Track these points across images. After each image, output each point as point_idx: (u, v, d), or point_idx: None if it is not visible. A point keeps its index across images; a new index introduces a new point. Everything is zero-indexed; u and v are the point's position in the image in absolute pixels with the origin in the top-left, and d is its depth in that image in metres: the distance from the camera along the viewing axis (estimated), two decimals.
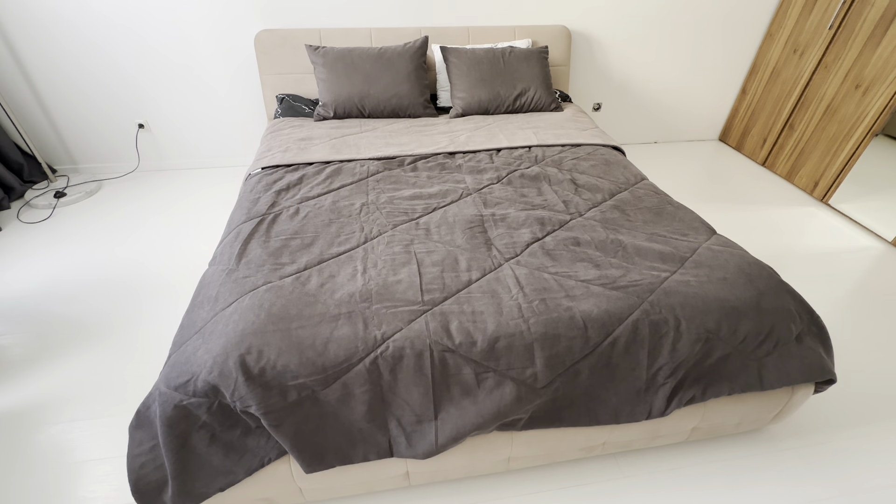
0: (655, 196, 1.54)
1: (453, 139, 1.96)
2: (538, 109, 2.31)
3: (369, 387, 0.94)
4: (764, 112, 2.88)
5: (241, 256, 1.21)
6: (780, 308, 1.10)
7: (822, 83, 2.48)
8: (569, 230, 1.33)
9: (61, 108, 2.46)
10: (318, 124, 2.11)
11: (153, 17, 2.27)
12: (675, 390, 1.06)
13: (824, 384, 1.18)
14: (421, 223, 1.36)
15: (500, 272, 1.15)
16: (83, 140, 2.58)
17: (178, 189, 2.56)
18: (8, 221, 2.24)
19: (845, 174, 2.39)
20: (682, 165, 2.95)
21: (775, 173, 2.83)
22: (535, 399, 0.99)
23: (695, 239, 1.31)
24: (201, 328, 1.00)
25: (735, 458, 1.27)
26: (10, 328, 1.63)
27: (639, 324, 1.03)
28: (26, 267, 1.94)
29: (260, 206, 1.44)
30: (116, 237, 2.14)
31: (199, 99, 2.55)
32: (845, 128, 2.36)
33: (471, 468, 1.14)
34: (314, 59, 2.20)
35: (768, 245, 2.16)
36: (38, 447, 1.27)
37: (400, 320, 0.99)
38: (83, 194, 2.44)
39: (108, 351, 1.56)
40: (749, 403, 1.17)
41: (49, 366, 1.50)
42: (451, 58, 2.27)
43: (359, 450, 0.97)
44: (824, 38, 2.45)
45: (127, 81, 2.43)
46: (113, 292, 1.81)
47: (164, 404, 0.89)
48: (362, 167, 1.69)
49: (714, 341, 1.05)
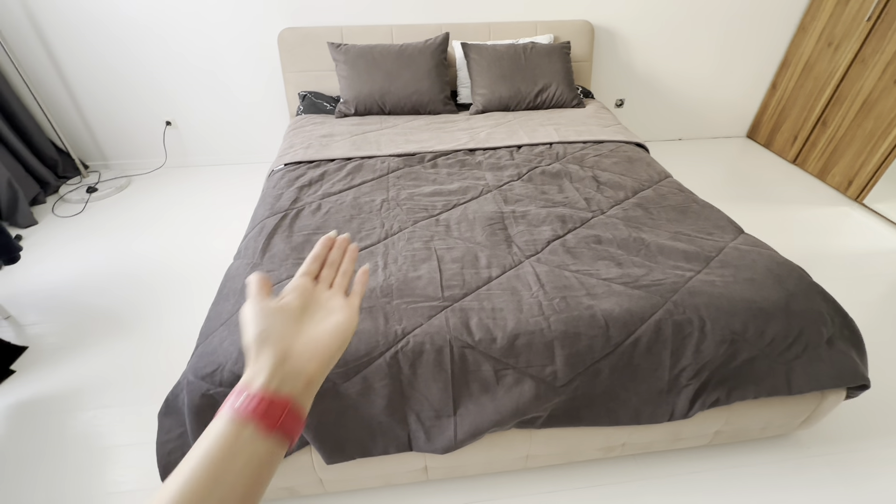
0: (680, 194, 1.51)
1: (473, 136, 1.95)
2: (560, 106, 2.28)
3: (389, 381, 0.94)
4: (795, 108, 2.78)
5: (265, 251, 1.23)
6: (811, 310, 1.06)
7: (859, 78, 2.38)
8: (590, 228, 1.31)
9: (93, 107, 2.55)
10: (340, 121, 2.13)
11: (179, 17, 2.33)
12: (698, 392, 1.04)
13: (857, 390, 1.14)
14: (441, 220, 1.36)
15: (520, 269, 1.14)
16: (114, 137, 2.67)
17: (204, 185, 2.62)
18: (43, 215, 2.33)
19: (882, 172, 2.29)
20: (708, 163, 2.88)
21: (806, 171, 2.74)
22: (554, 397, 0.98)
23: (721, 238, 1.27)
24: (227, 320, 1.03)
25: (760, 464, 1.24)
26: (45, 317, 1.71)
27: (662, 324, 1.01)
28: (60, 259, 2.02)
29: (283, 201, 1.46)
30: (145, 231, 2.21)
31: (224, 96, 2.61)
32: (883, 124, 2.26)
33: (489, 465, 1.14)
34: (336, 57, 2.22)
35: (799, 245, 2.09)
36: (71, 431, 1.33)
37: (420, 316, 1.00)
38: (113, 189, 2.52)
39: (138, 340, 1.61)
40: (776, 408, 1.13)
41: (81, 354, 1.56)
42: (471, 54, 2.26)
43: (378, 443, 0.98)
44: (862, 31, 2.35)
45: (154, 80, 2.50)
46: (142, 284, 1.87)
47: (191, 393, 0.92)
48: (383, 164, 1.70)
49: (740, 343, 1.02)
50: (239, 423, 0.33)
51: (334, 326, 0.41)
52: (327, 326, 0.41)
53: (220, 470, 0.31)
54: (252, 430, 0.33)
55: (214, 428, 0.33)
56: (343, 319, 0.42)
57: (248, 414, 0.33)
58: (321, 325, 0.41)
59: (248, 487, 0.32)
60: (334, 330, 0.41)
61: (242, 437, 0.32)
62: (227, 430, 0.32)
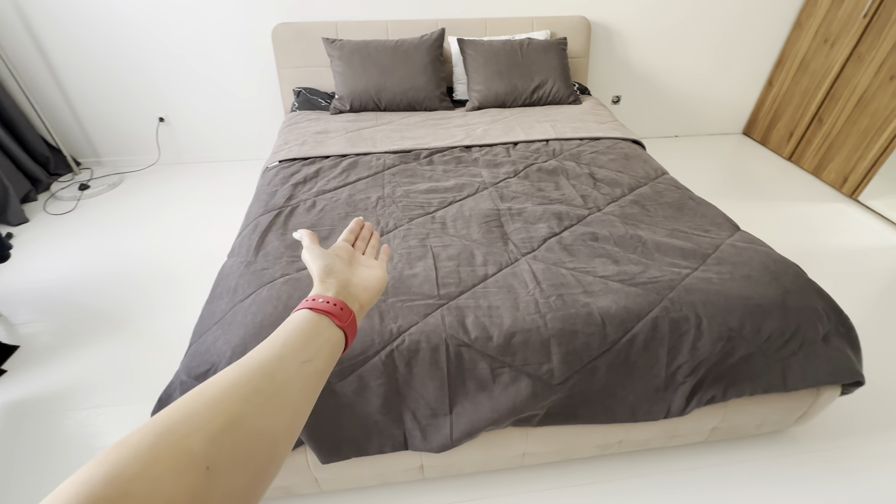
0: (676, 191, 1.50)
1: (469, 132, 1.94)
2: (556, 102, 2.27)
3: (385, 380, 0.94)
4: (791, 105, 2.79)
5: (258, 249, 1.22)
6: (807, 307, 1.06)
7: (855, 74, 2.38)
8: (587, 225, 1.31)
9: (85, 104, 2.52)
10: (335, 117, 2.12)
11: (171, 11, 2.30)
12: (694, 389, 1.04)
13: (852, 386, 1.14)
14: (437, 217, 1.35)
15: (516, 267, 1.14)
16: (106, 134, 2.64)
17: (197, 182, 2.60)
18: (35, 213, 2.31)
19: (877, 169, 2.30)
20: (705, 160, 2.88)
21: (802, 168, 2.74)
22: (550, 395, 0.98)
23: (717, 235, 1.27)
24: (221, 319, 1.01)
25: (756, 460, 1.24)
26: (38, 316, 1.69)
27: (658, 321, 1.00)
28: (52, 257, 1.99)
29: (277, 198, 1.45)
30: (138, 229, 2.18)
31: (218, 92, 2.58)
32: (878, 121, 2.27)
33: (485, 463, 1.13)
34: (331, 52, 2.20)
35: (795, 242, 2.10)
36: (63, 432, 1.31)
37: (416, 314, 0.99)
38: (106, 187, 2.50)
39: (131, 339, 1.60)
40: (772, 404, 1.14)
41: (73, 353, 1.55)
42: (467, 50, 2.25)
43: (374, 442, 0.98)
44: (858, 28, 2.35)
45: (147, 76, 2.47)
46: (135, 282, 1.85)
47: (185, 392, 0.91)
48: (378, 160, 1.69)
49: (736, 340, 1.02)
50: (318, 315, 0.42)
51: (374, 276, 0.53)
52: (369, 274, 0.53)
53: (308, 340, 0.39)
54: (328, 322, 0.42)
55: (297, 315, 0.42)
56: (379, 273, 0.54)
57: (327, 308, 0.43)
58: (365, 273, 0.53)
59: (325, 362, 0.40)
60: (375, 278, 0.53)
61: (322, 324, 0.42)
62: (310, 317, 0.41)
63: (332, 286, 0.47)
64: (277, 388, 0.34)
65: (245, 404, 0.31)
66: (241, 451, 0.29)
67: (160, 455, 0.26)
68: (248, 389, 0.32)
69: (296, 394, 0.35)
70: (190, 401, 0.30)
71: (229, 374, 0.33)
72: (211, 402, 0.30)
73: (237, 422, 0.30)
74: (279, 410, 0.33)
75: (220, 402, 0.30)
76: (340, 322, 0.43)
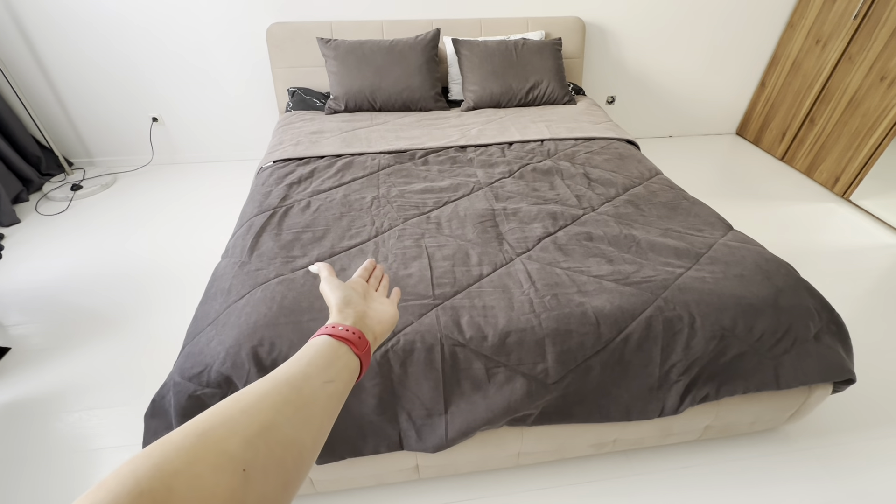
0: (670, 191, 1.51)
1: (465, 133, 1.94)
2: (551, 102, 2.28)
3: (380, 380, 0.94)
4: (783, 105, 2.81)
5: (253, 249, 1.22)
6: (799, 306, 1.07)
7: (846, 75, 2.41)
8: (581, 225, 1.31)
9: (78, 103, 2.49)
10: (330, 117, 2.11)
11: (165, 10, 2.28)
12: (688, 388, 1.04)
13: (843, 384, 1.15)
14: (432, 217, 1.35)
15: (511, 267, 1.14)
16: (99, 133, 2.62)
17: (191, 182, 2.58)
18: (26, 213, 2.28)
19: (868, 169, 2.32)
20: (698, 160, 2.90)
21: (794, 168, 2.77)
22: (545, 395, 0.98)
23: (711, 235, 1.28)
24: (214, 320, 1.01)
25: (749, 458, 1.25)
26: (30, 318, 1.67)
27: (652, 320, 1.01)
28: (44, 258, 1.98)
29: (272, 199, 1.44)
30: (131, 229, 2.17)
31: (211, 92, 2.57)
32: (869, 121, 2.29)
33: (480, 463, 1.14)
34: (325, 52, 2.20)
35: (787, 242, 2.12)
36: (56, 434, 1.30)
37: (411, 314, 0.99)
38: (99, 187, 2.48)
39: (124, 341, 1.59)
40: (764, 402, 1.14)
41: (67, 355, 1.53)
42: (462, 50, 2.25)
43: (369, 442, 0.98)
44: (849, 29, 2.37)
45: (140, 75, 2.46)
46: (128, 283, 1.84)
47: (178, 394, 0.90)
48: (373, 161, 1.69)
49: (729, 339, 1.03)
50: (338, 342, 0.44)
51: (388, 311, 0.55)
52: (383, 310, 0.55)
53: (329, 363, 0.41)
54: (346, 349, 0.44)
55: (319, 341, 0.43)
56: (392, 311, 0.56)
57: (346, 336, 0.45)
58: (379, 308, 0.55)
59: (343, 384, 0.41)
60: (388, 314, 0.55)
61: (341, 350, 0.43)
62: (330, 343, 0.43)
63: (350, 316, 0.49)
64: (304, 401, 0.36)
65: (277, 414, 0.33)
66: (274, 458, 0.30)
67: (202, 454, 0.27)
68: (278, 400, 0.34)
69: (319, 410, 0.37)
70: (227, 407, 0.32)
71: (261, 386, 0.35)
72: (246, 409, 0.32)
73: (270, 429, 0.31)
74: (306, 422, 0.35)
75: (254, 409, 0.32)
76: (358, 350, 0.45)
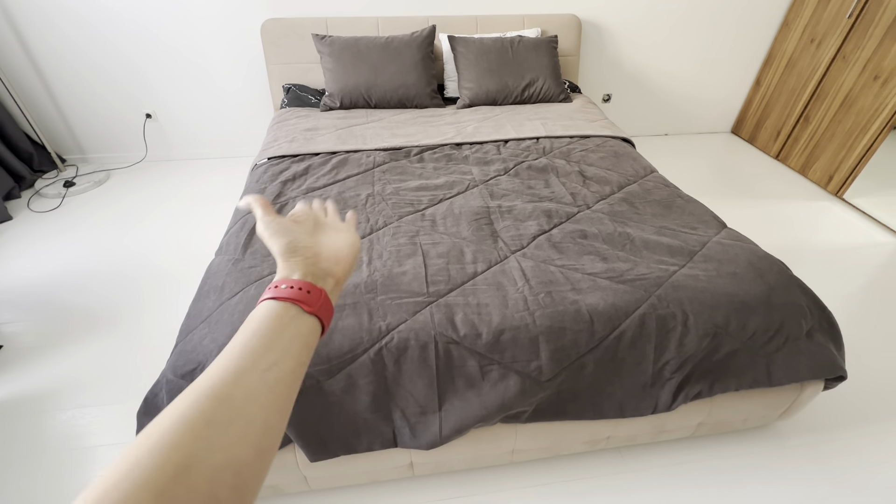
0: (665, 189, 1.52)
1: (460, 130, 1.94)
2: (547, 100, 2.27)
3: (374, 378, 0.94)
4: (778, 104, 2.82)
5: (247, 246, 1.21)
6: (791, 303, 1.08)
7: (840, 74, 2.42)
8: (576, 223, 1.31)
9: (70, 98, 2.47)
10: (325, 114, 2.10)
11: (159, 5, 2.26)
12: (681, 385, 1.05)
13: (834, 381, 1.16)
14: (427, 215, 1.35)
15: (505, 264, 1.14)
16: (92, 130, 2.60)
17: (185, 179, 2.57)
18: (18, 210, 2.26)
19: (861, 168, 2.34)
20: (693, 158, 2.91)
21: (789, 167, 2.78)
22: (539, 392, 0.98)
23: (704, 233, 1.28)
24: (208, 317, 1.00)
25: (741, 455, 1.26)
26: (22, 315, 1.66)
27: (646, 318, 1.01)
28: (36, 255, 1.96)
29: (266, 196, 1.44)
30: (124, 226, 2.15)
31: (206, 88, 2.55)
32: (862, 120, 2.30)
33: (474, 460, 1.14)
34: (320, 49, 2.19)
35: (780, 240, 2.13)
36: (48, 432, 1.29)
37: (405, 312, 0.99)
38: (92, 184, 2.46)
39: (117, 338, 1.58)
40: (757, 399, 1.15)
41: (59, 353, 1.52)
42: (458, 47, 2.24)
43: (363, 440, 0.98)
44: (843, 28, 2.38)
45: (134, 71, 2.44)
46: (121, 281, 1.82)
47: (171, 392, 0.90)
48: (368, 158, 1.68)
49: (722, 336, 1.04)
50: (283, 305, 0.38)
51: (345, 241, 0.48)
52: (341, 240, 0.48)
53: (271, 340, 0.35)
54: (295, 310, 0.38)
55: (260, 310, 0.38)
56: (351, 237, 0.49)
57: (292, 295, 0.39)
58: (335, 239, 0.48)
59: (295, 360, 0.36)
60: (346, 244, 0.48)
61: (288, 315, 0.38)
62: (273, 309, 0.37)
63: (299, 266, 0.42)
64: (235, 412, 0.30)
65: (197, 443, 0.28)
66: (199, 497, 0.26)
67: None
68: (199, 424, 0.28)
69: (260, 409, 0.32)
70: (134, 450, 0.27)
71: (177, 409, 0.29)
72: (155, 449, 0.26)
73: (189, 467, 0.26)
74: (241, 438, 0.30)
75: (166, 447, 0.27)
76: (310, 307, 0.39)
